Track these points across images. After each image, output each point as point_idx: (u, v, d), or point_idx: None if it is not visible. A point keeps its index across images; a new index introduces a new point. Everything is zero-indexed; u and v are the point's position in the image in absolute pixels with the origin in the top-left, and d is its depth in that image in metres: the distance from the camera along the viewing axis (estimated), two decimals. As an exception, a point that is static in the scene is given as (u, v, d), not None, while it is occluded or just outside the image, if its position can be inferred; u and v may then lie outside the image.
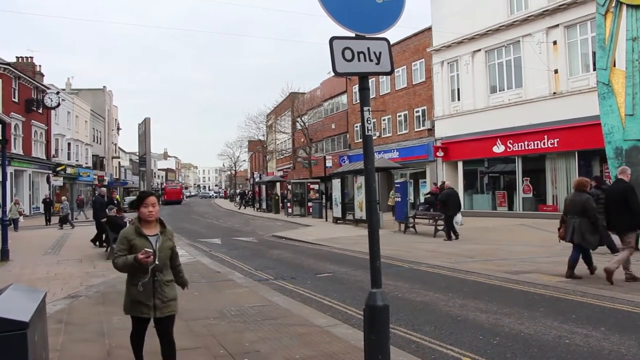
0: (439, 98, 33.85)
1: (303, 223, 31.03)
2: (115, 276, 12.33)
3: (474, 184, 32.17)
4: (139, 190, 12.23)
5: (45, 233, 27.12)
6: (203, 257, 16.02)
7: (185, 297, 9.56)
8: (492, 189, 30.72)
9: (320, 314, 8.29)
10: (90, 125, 63.12)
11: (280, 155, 66.06)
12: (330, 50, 4.72)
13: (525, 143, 27.45)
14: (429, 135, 34.91)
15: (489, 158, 30.39)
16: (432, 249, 16.95)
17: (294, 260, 15.68)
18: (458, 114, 32.23)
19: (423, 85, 35.92)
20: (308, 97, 54.05)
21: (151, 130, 9.71)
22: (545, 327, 7.25)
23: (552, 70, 26.12)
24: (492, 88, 30.19)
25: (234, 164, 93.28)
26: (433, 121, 34.38)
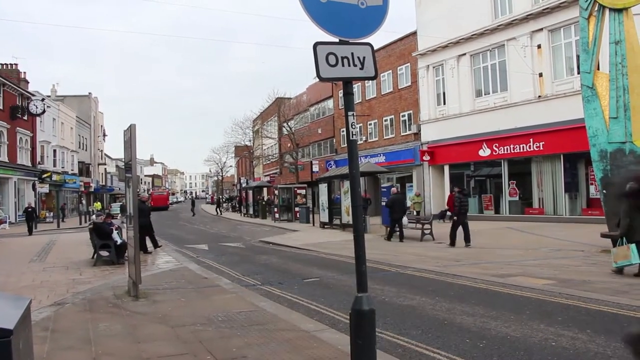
0: (425, 102, 34.02)
1: (290, 228, 31.00)
2: (102, 283, 12.26)
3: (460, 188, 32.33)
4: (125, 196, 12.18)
5: (31, 240, 26.88)
6: (190, 263, 15.95)
7: (172, 304, 9.54)
8: (478, 193, 30.91)
9: (307, 318, 8.29)
10: (76, 132, 62.68)
11: (267, 161, 66.02)
12: (315, 55, 4.74)
13: (511, 146, 27.66)
14: (415, 139, 35.07)
15: (475, 162, 30.58)
16: (419, 252, 17.01)
17: (281, 265, 15.66)
18: (444, 118, 32.41)
19: (409, 90, 36.08)
20: (294, 102, 54.10)
21: (137, 137, 9.65)
22: (531, 330, 7.30)
23: (536, 74, 26.36)
24: (477, 92, 30.41)
25: (221, 170, 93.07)
26: (419, 125, 34.55)
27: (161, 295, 10.40)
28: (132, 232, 10.25)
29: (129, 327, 7.93)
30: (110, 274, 13.86)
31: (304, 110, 52.71)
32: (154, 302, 9.78)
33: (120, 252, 15.82)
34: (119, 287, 11.38)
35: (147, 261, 16.12)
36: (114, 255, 15.78)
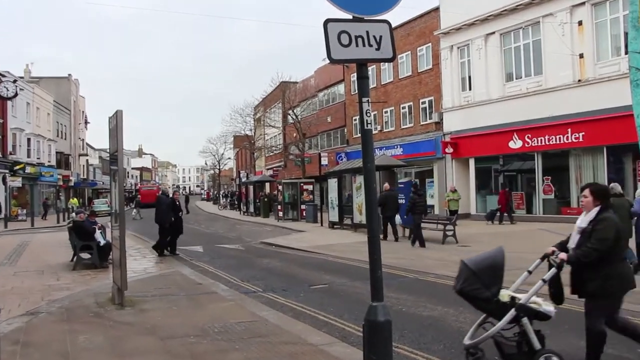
0: (448, 87, 33.92)
1: (295, 228, 31.05)
2: (82, 289, 12.32)
3: (487, 184, 32.24)
4: (110, 192, 12.22)
5: (1, 241, 27.01)
6: (182, 267, 15.99)
7: (162, 313, 9.58)
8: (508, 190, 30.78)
9: (314, 330, 8.31)
10: (54, 119, 62.91)
11: (269, 152, 66.02)
12: (325, 34, 4.73)
13: (545, 138, 27.52)
14: (436, 129, 34.99)
15: (505, 155, 30.46)
16: (441, 257, 16.96)
17: (285, 270, 15.68)
18: (469, 105, 32.30)
19: (430, 73, 35.97)
20: (301, 87, 54.03)
21: (124, 125, 9.67)
22: (571, 348, 7.15)
23: (576, 55, 26.13)
24: (507, 76, 30.26)
25: (218, 162, 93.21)
26: (441, 113, 34.45)
27: (150, 303, 10.44)
28: (117, 231, 10.29)
29: (112, 339, 7.96)
30: (91, 279, 13.92)
31: (312, 96, 52.66)
32: (141, 310, 9.81)
33: (103, 255, 15.85)
34: (101, 293, 11.41)
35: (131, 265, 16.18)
36: (97, 258, 15.83)
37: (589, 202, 6.10)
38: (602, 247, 5.82)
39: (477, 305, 6.08)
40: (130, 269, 12.48)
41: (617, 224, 5.96)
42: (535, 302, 6.14)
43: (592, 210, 6.06)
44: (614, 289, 5.91)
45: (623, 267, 6.02)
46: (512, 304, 5.96)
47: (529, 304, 6.04)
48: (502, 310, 5.95)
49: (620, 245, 6.00)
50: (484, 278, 5.97)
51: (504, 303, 5.98)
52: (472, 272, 5.96)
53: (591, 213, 6.06)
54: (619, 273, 5.92)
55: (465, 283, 6.04)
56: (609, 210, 6.05)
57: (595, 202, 6.06)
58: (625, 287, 5.98)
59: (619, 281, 5.90)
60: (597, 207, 6.04)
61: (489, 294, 5.95)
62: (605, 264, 5.86)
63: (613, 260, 5.89)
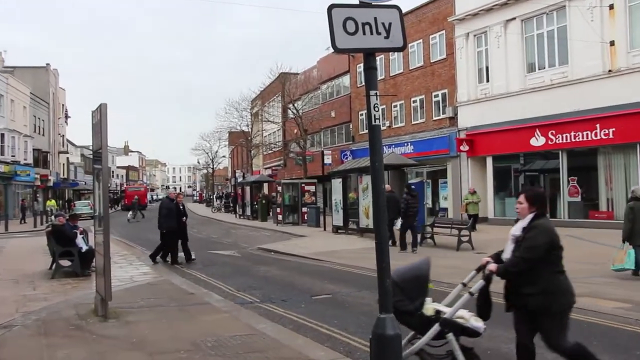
0: (463, 79, 33.89)
1: (296, 233, 31.06)
2: (62, 299, 12.31)
3: (506, 185, 32.20)
4: (93, 193, 12.22)
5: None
6: (172, 275, 16.00)
7: (149, 325, 9.59)
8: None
9: (317, 345, 8.31)
10: (31, 112, 62.87)
11: (268, 150, 66.07)
12: (329, 20, 4.74)
13: (571, 134, 27.46)
14: (450, 125, 34.98)
15: (526, 153, 30.40)
16: (455, 264, 16.92)
17: (284, 278, 15.68)
18: (487, 98, 32.26)
19: (443, 64, 35.96)
20: (302, 79, 53.99)
21: (108, 119, 9.69)
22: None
23: (607, 42, 25.99)
24: (529, 66, 30.22)
25: (211, 161, 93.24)
26: (456, 108, 34.43)
27: (136, 315, 10.45)
28: (101, 236, 10.30)
29: (95, 354, 7.97)
30: (72, 289, 13.92)
31: (314, 89, 52.65)
32: (127, 323, 9.82)
33: (85, 262, 15.85)
34: (83, 304, 11.40)
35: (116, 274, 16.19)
36: (78, 265, 15.81)
37: (524, 209, 6.05)
38: (531, 255, 5.76)
39: (401, 320, 6.05)
40: (115, 278, 12.49)
41: (551, 232, 5.91)
42: (462, 316, 6.10)
43: (527, 217, 6.02)
44: (559, 304, 5.82)
45: (563, 280, 5.90)
46: (437, 318, 5.92)
47: (454, 319, 6.00)
48: (426, 324, 5.92)
49: (555, 255, 5.91)
50: (408, 290, 5.94)
51: (428, 317, 5.95)
52: (395, 283, 5.87)
53: (525, 220, 6.01)
54: (560, 286, 5.84)
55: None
56: (545, 217, 6.03)
57: (530, 208, 6.01)
58: (568, 301, 5.87)
59: (561, 295, 5.82)
60: (532, 213, 5.99)
61: (412, 307, 5.91)
62: (540, 276, 5.79)
63: (549, 272, 5.82)
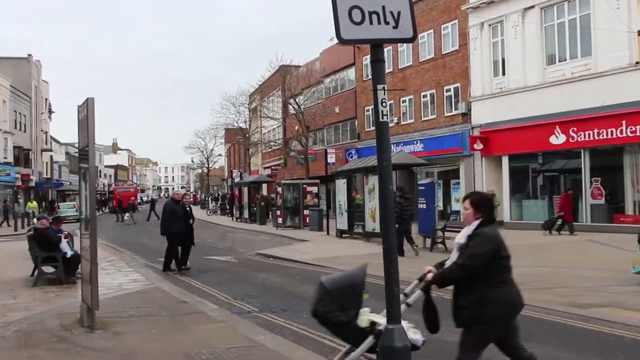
0: (478, 72, 33.83)
1: (297, 237, 31.06)
2: (45, 309, 12.28)
3: (523, 187, 32.15)
4: (80, 193, 12.20)
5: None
6: (164, 283, 15.99)
7: (139, 336, 9.58)
8: (548, 193, 30.69)
9: (319, 358, 8.31)
10: (11, 107, 62.72)
11: (267, 148, 66.10)
12: (333, 9, 4.72)
13: (594, 131, 27.39)
14: (463, 121, 34.94)
15: (545, 152, 30.35)
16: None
17: (285, 286, 15.67)
18: (503, 93, 32.21)
19: (456, 56, 35.93)
20: (304, 72, 53.98)
21: (96, 115, 9.67)
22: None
23: (634, 32, 25.93)
24: (549, 58, 30.16)
25: (207, 160, 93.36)
26: (469, 103, 34.38)
27: (125, 325, 10.44)
28: (87, 240, 10.27)
29: (81, 367, 7.96)
30: (56, 297, 13.91)
31: (317, 83, 52.62)
32: (115, 334, 9.81)
33: (70, 268, 15.81)
34: (67, 314, 11.38)
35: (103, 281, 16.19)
36: (62, 271, 15.76)
37: (469, 215, 6.04)
38: (470, 263, 5.73)
39: (334, 331, 6.03)
40: (102, 285, 12.48)
41: (496, 240, 5.84)
42: None
43: (473, 223, 5.99)
44: (491, 316, 5.73)
45: (505, 291, 5.80)
46: (372, 330, 5.85)
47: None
48: (360, 336, 5.86)
49: (500, 265, 5.83)
50: (340, 299, 5.90)
51: (363, 329, 5.88)
52: (327, 292, 5.89)
53: (471, 226, 5.99)
54: (498, 297, 5.74)
55: (319, 304, 5.99)
56: (491, 224, 5.98)
57: (475, 214, 5.98)
58: (506, 313, 5.80)
59: (497, 306, 5.72)
60: (478, 220, 5.96)
61: (345, 317, 5.86)
62: (480, 286, 5.74)
63: (491, 283, 5.75)
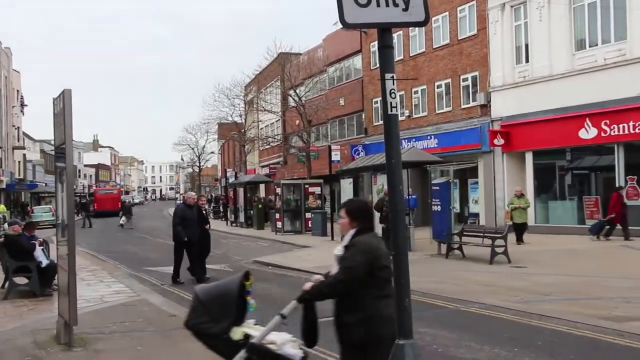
0: (498, 59, 33.75)
1: (299, 243, 31.09)
2: (16, 325, 12.26)
3: (550, 186, 32.06)
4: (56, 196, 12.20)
5: None
6: (151, 294, 16.02)
7: (123, 354, 9.60)
8: (577, 194, 30.64)
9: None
10: (-23, 100, 62.98)
11: (265, 145, 66.02)
12: (336, -10, 4.74)
13: (629, 124, 27.30)
14: (482, 114, 34.87)
15: (574, 147, 30.26)
16: (489, 281, 16.93)
17: (285, 297, 15.56)
18: (526, 82, 32.12)
19: (474, 41, 35.85)
20: (305, 61, 53.92)
21: (74, 108, 9.67)
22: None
23: (675, 12, 25.98)
24: (578, 43, 30.04)
25: (198, 158, 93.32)
26: (489, 93, 34.31)
27: (107, 342, 10.45)
28: (64, 248, 10.26)
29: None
30: (29, 312, 13.92)
31: (320, 72, 52.56)
32: (95, 352, 9.82)
33: (45, 279, 15.81)
34: (42, 330, 11.39)
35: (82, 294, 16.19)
36: (37, 283, 15.74)
37: (345, 224, 6.09)
38: (346, 277, 5.78)
39: (207, 344, 6.11)
40: (81, 297, 12.51)
41: (373, 250, 5.83)
42: (274, 342, 6.18)
43: (349, 233, 6.04)
44: (381, 333, 5.71)
45: (387, 306, 5.75)
46: (245, 343, 5.97)
47: (264, 344, 6.07)
48: (234, 350, 5.95)
49: (379, 278, 5.81)
50: (212, 310, 6.03)
51: (236, 342, 5.99)
52: (200, 301, 6.00)
53: (347, 236, 6.04)
54: (381, 313, 5.74)
55: (191, 315, 6.13)
56: (369, 233, 6.01)
57: (351, 223, 6.03)
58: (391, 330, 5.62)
59: (380, 325, 5.73)
60: (354, 229, 6.00)
61: (217, 329, 5.98)
62: (362, 303, 5.77)
63: (372, 298, 5.77)
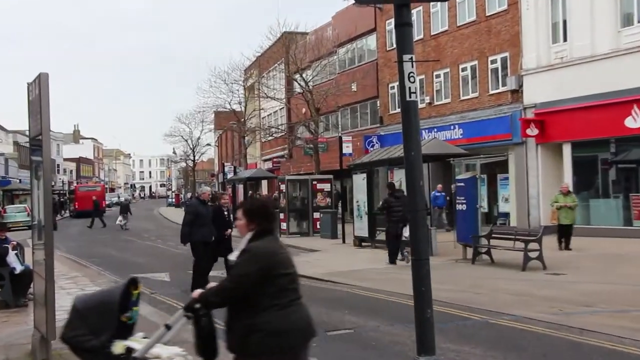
0: (532, 38, 33.65)
1: (305, 246, 31.14)
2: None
3: (591, 182, 31.96)
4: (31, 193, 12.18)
5: None
6: (140, 304, 16.01)
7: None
8: (623, 191, 30.53)
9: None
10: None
11: (267, 136, 66.14)
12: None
13: (684, 112, 27.37)
14: (513, 100, 34.80)
15: (619, 138, 30.09)
16: (521, 290, 16.89)
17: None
18: (564, 64, 32.01)
19: (504, 17, 35.79)
20: (312, 41, 53.91)
21: (51, 95, 9.65)
22: None
23: None
24: (625, 18, 29.86)
25: (192, 150, 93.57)
26: (521, 77, 34.22)
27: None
28: (41, 252, 10.24)
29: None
30: (1, 325, 13.98)
31: (329, 54, 52.56)
32: (77, 369, 9.83)
33: (20, 287, 15.86)
34: (16, 346, 11.42)
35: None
36: (9, 292, 15.83)
37: (242, 226, 6.11)
38: (236, 285, 5.83)
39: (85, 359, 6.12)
40: (60, 308, 12.40)
41: (267, 257, 5.87)
42: (159, 356, 6.15)
43: (246, 236, 6.06)
44: (262, 348, 5.73)
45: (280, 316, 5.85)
46: (127, 358, 5.97)
47: (148, 359, 6.05)
48: None
49: (276, 286, 5.89)
50: (91, 321, 6.00)
51: (117, 357, 5.99)
52: (78, 312, 5.98)
53: (244, 240, 6.06)
54: (267, 325, 5.76)
55: (68, 327, 6.10)
56: (267, 237, 6.03)
57: (249, 225, 6.05)
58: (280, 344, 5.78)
59: (270, 337, 5.74)
60: (251, 232, 6.03)
61: (97, 342, 5.97)
62: (252, 310, 5.79)
63: (266, 307, 5.80)
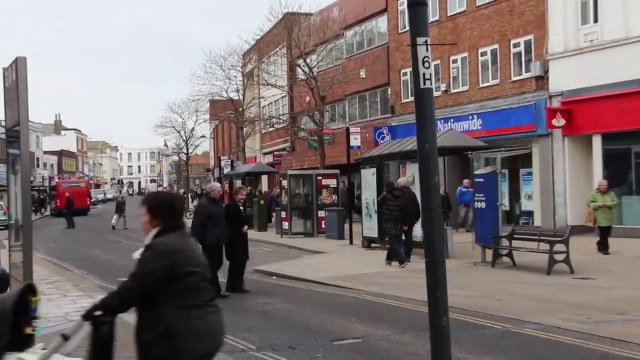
0: (559, 19, 33.58)
1: (309, 248, 31.22)
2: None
3: (623, 177, 31.90)
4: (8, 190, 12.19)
5: None
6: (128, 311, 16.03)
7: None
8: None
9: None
10: None
11: (268, 127, 66.23)
12: None
13: None
14: (537, 88, 34.75)
15: (655, 129, 30.21)
16: (545, 295, 16.88)
17: (292, 314, 15.69)
18: (594, 47, 31.95)
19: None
20: (317, 23, 53.90)
21: (29, 81, 9.64)
22: None
23: None
24: (662, -3, 29.96)
25: (185, 143, 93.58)
26: (546, 62, 34.18)
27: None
28: (19, 254, 10.24)
29: None
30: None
31: (335, 37, 52.54)
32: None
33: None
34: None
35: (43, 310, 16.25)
36: (-17, 298, 15.92)
37: (146, 223, 6.19)
38: (135, 285, 5.86)
39: None
40: (43, 316, 12.51)
41: (172, 254, 5.87)
42: None
43: (150, 233, 6.11)
44: (183, 353, 5.71)
45: (198, 317, 5.82)
46: None
47: None
48: None
49: (186, 285, 5.84)
50: None
51: None
52: None
53: (148, 237, 6.10)
54: (188, 327, 5.74)
55: None
56: (173, 233, 6.05)
57: (153, 221, 6.11)
58: (201, 347, 5.78)
59: (189, 339, 5.72)
60: (156, 228, 6.07)
61: None
62: (162, 314, 5.76)
63: (175, 308, 5.76)
